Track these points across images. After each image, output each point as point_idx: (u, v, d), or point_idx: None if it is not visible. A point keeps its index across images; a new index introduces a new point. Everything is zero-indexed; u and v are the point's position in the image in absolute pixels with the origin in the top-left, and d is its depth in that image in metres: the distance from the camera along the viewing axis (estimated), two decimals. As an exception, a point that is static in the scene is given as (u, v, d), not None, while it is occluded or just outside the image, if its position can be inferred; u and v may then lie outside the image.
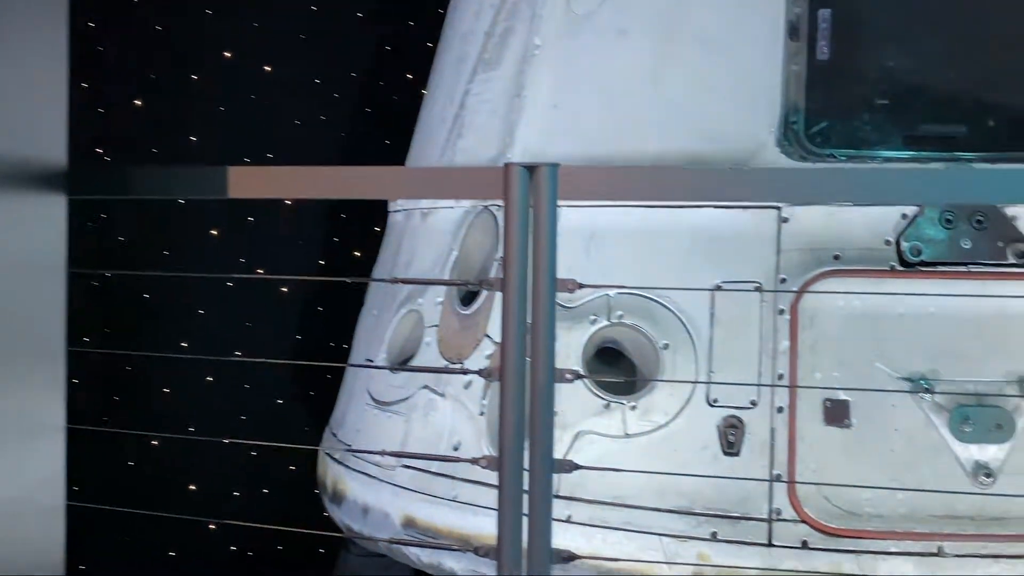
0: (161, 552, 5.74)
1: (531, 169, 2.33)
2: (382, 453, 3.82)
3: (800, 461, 3.35)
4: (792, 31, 3.73)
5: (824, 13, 3.73)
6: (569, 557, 2.38)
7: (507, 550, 2.25)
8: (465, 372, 3.65)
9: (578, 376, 2.51)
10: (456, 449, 3.86)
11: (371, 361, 4.48)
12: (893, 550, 3.24)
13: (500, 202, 3.95)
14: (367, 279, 4.95)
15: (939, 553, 3.23)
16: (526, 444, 2.67)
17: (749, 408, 3.44)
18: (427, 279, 4.14)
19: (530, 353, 2.34)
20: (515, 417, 2.26)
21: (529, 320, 2.44)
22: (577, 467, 2.47)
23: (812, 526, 3.28)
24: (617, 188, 2.41)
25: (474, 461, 2.46)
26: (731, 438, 3.43)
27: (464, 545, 3.76)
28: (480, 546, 2.48)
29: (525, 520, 2.34)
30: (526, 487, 2.60)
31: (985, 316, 3.39)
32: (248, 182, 2.09)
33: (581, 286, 2.44)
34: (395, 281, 3.46)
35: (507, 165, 2.33)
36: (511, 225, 2.32)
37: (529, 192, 2.34)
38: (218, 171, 2.04)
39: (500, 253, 3.92)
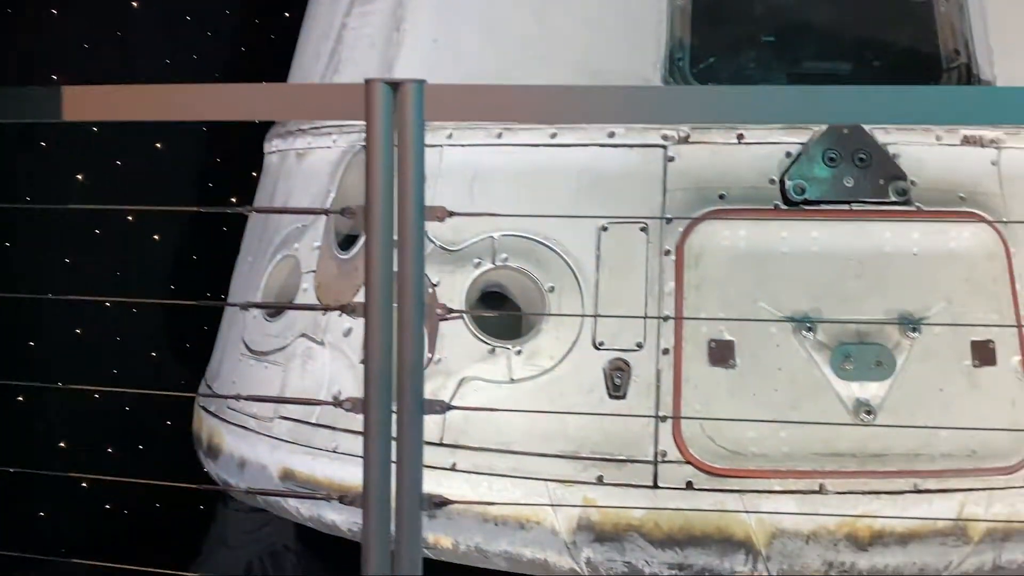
0: (30, 512, 5.47)
1: (395, 86, 2.17)
2: (236, 397, 3.66)
3: (685, 402, 3.31)
4: (677, -35, 3.64)
5: (709, -53, 3.65)
6: (441, 503, 2.27)
7: (374, 496, 2.13)
8: (327, 309, 3.49)
9: (449, 312, 2.39)
10: (337, 399, 3.72)
11: (247, 312, 4.29)
12: (776, 488, 3.24)
13: (379, 141, 3.85)
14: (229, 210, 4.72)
15: (821, 491, 3.24)
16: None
17: (635, 350, 3.38)
18: (279, 208, 3.95)
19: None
20: (381, 355, 2.13)
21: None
22: (449, 407, 2.36)
23: (697, 467, 3.26)
24: (487, 107, 2.26)
25: (337, 404, 2.32)
26: (617, 381, 3.38)
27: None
28: (346, 494, 2.34)
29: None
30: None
31: (867, 254, 3.39)
32: (84, 103, 1.88)
33: (451, 214, 2.30)
34: (251, 210, 3.19)
35: (368, 81, 2.17)
36: (373, 147, 2.17)
37: (393, 111, 2.18)
38: (51, 92, 1.83)
39: (380, 195, 3.78)
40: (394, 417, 2.16)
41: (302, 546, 4.43)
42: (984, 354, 3.37)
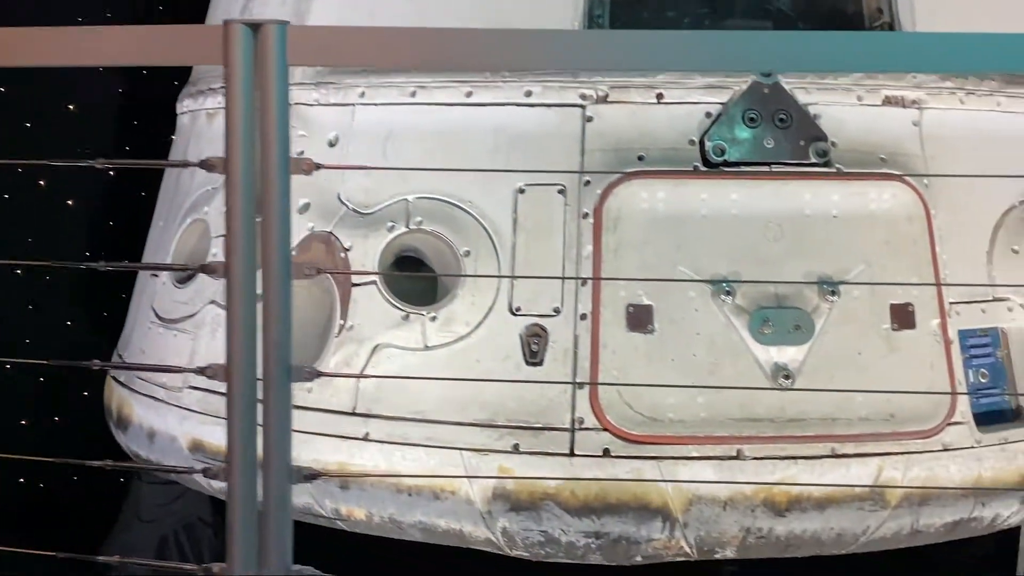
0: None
1: (255, 28, 2.03)
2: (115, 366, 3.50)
3: (603, 369, 3.24)
4: (596, -83, 3.53)
5: None
6: (312, 475, 2.15)
7: (238, 468, 2.01)
8: (185, 270, 3.34)
9: (319, 271, 2.26)
10: (248, 367, 3.59)
11: (156, 276, 4.14)
12: (694, 455, 3.19)
13: (289, 100, 3.70)
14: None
15: (738, 456, 3.20)
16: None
17: (552, 316, 3.30)
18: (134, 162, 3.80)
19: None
20: (243, 318, 2.01)
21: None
22: (320, 374, 2.25)
23: (614, 434, 3.19)
24: (356, 50, 2.10)
25: (200, 371, 2.19)
26: (534, 347, 3.30)
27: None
28: (209, 466, 2.21)
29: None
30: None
31: (787, 217, 3.34)
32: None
33: (318, 166, 2.17)
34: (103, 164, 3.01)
35: (227, 23, 2.03)
36: (232, 93, 2.03)
37: (255, 55, 2.04)
38: None
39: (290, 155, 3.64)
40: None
41: (219, 519, 4.30)
42: (903, 317, 3.34)
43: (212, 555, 4.31)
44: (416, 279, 3.45)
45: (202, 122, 4.16)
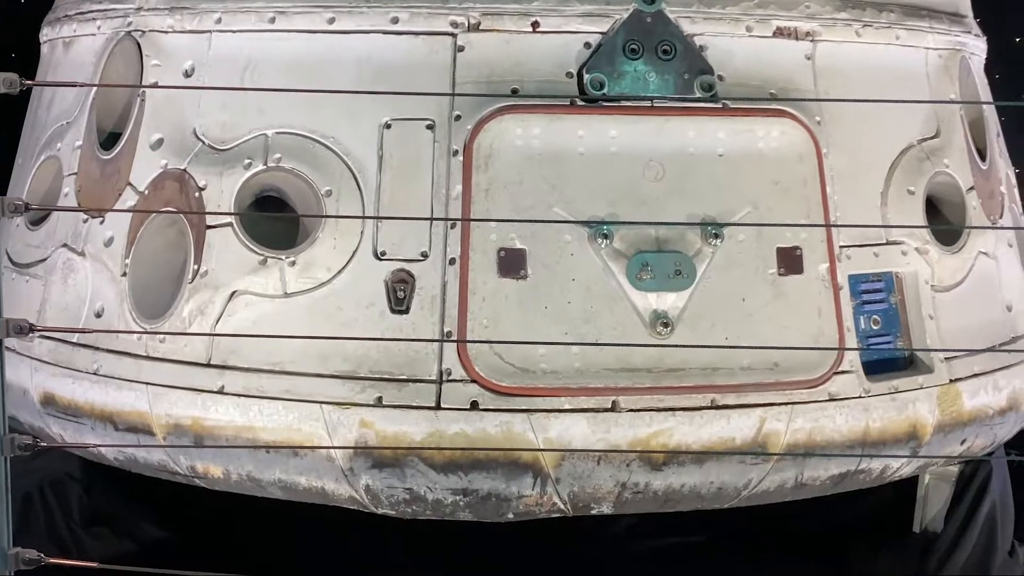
0: None
1: None
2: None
3: (472, 317, 3.04)
4: None
5: None
6: (29, 446, 1.90)
7: None
8: None
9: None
10: (99, 316, 3.36)
11: (11, 218, 3.85)
12: (567, 407, 3.01)
13: (143, 26, 3.43)
14: None
15: (613, 408, 3.02)
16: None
17: (420, 260, 3.09)
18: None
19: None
20: None
21: None
22: (33, 329, 2.01)
23: (483, 385, 3.00)
24: None
25: None
26: (400, 294, 3.08)
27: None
28: None
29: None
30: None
31: (669, 155, 3.14)
32: None
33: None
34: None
35: None
36: None
37: None
38: None
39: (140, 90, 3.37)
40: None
41: (88, 473, 4.08)
42: (790, 262, 3.17)
43: (82, 515, 4.10)
44: (275, 220, 3.21)
45: (59, 52, 3.86)
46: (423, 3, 3.15)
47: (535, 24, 3.16)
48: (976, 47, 3.81)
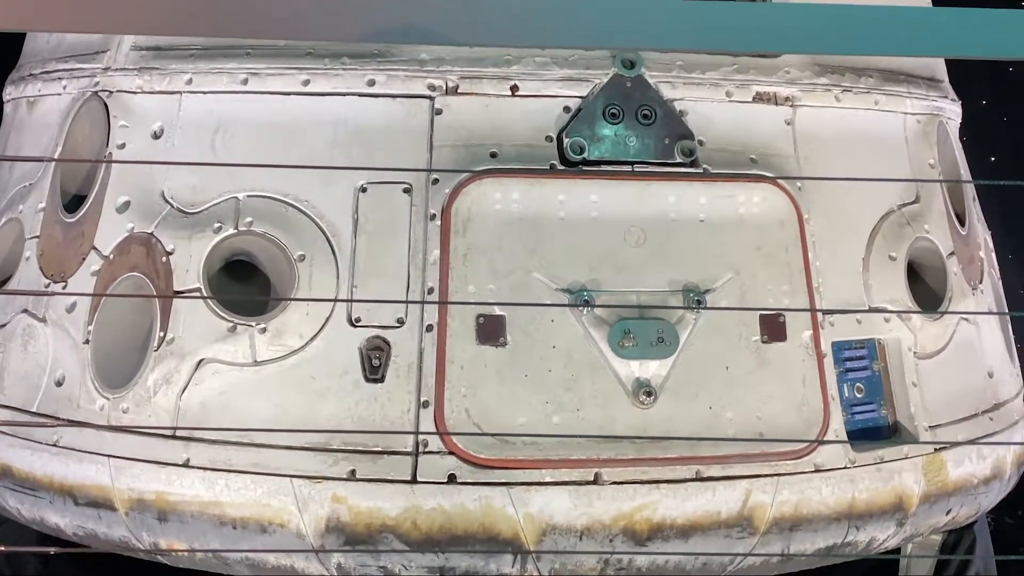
0: None
1: None
2: None
3: (450, 386, 2.94)
4: None
5: None
6: None
7: None
8: None
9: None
10: (60, 384, 3.23)
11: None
12: (548, 480, 2.91)
13: (110, 87, 3.34)
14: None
15: (596, 481, 2.93)
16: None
17: (396, 327, 2.99)
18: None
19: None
20: None
21: None
22: None
23: (461, 457, 2.90)
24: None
25: None
26: (375, 362, 2.99)
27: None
28: None
29: None
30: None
31: (650, 220, 3.09)
32: None
33: None
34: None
35: None
36: None
37: None
38: None
39: (111, 148, 3.28)
40: None
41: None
42: (774, 328, 3.11)
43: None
44: (245, 284, 3.11)
45: (23, 111, 3.76)
46: (400, 66, 3.10)
47: (514, 88, 3.12)
48: (953, 111, 3.82)
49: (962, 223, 3.66)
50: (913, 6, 1.86)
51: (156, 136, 3.24)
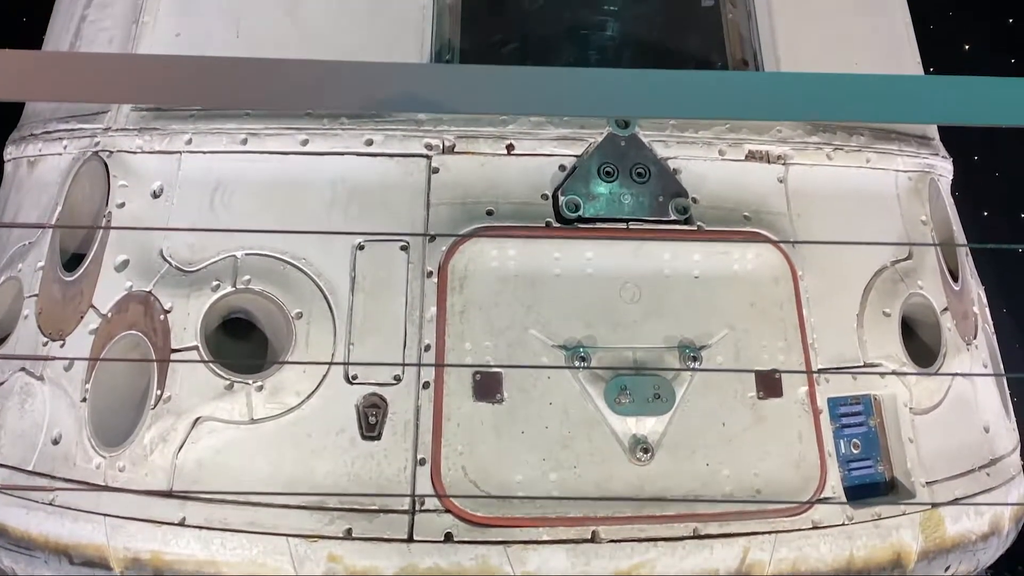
0: None
1: None
2: None
3: (447, 443, 2.94)
4: (445, -42, 3.31)
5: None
6: None
7: None
8: None
9: None
10: (56, 443, 3.22)
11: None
12: (545, 538, 2.90)
13: (111, 147, 3.38)
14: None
15: (594, 539, 2.92)
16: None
17: (392, 384, 3.00)
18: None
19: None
20: None
21: None
22: None
23: (457, 516, 2.89)
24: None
25: None
26: (372, 419, 2.99)
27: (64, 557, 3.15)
28: None
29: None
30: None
31: (645, 277, 3.11)
32: None
33: None
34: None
35: None
36: None
37: None
38: None
39: (111, 207, 3.31)
40: None
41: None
42: (769, 385, 3.12)
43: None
44: (242, 342, 3.12)
45: (23, 171, 3.80)
46: (398, 126, 3.14)
47: (510, 147, 3.16)
48: (944, 168, 3.87)
49: (955, 279, 3.68)
50: (905, 75, 1.90)
51: (155, 195, 3.27)
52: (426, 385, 2.99)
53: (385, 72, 2.12)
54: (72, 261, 3.39)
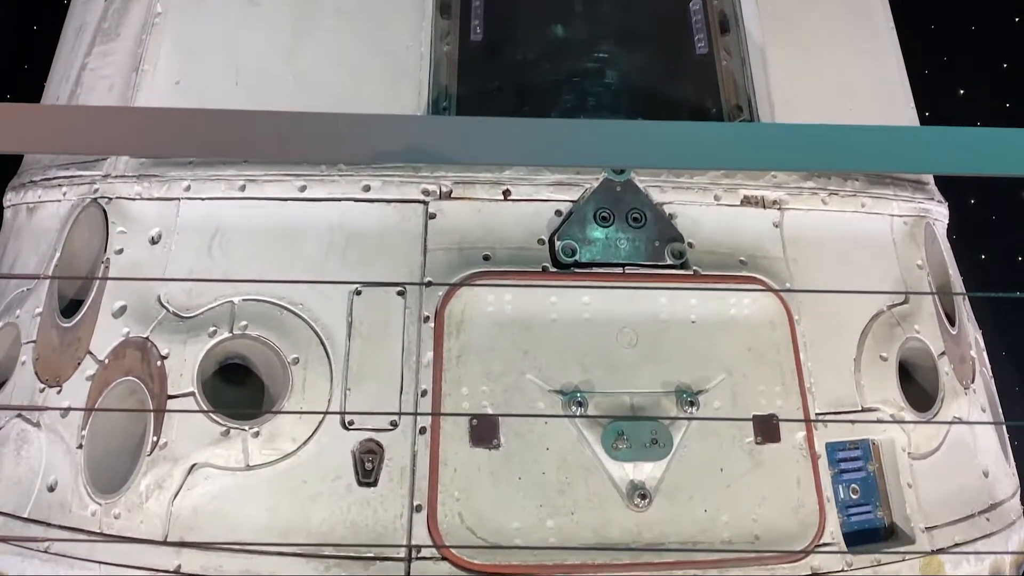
0: None
1: None
2: None
3: (443, 489, 2.93)
4: (443, 8, 3.35)
5: (479, -11, 3.38)
6: None
7: None
8: None
9: None
10: (52, 490, 3.20)
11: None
12: (543, 585, 2.88)
13: (110, 193, 3.40)
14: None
15: (592, 587, 2.90)
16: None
17: (389, 430, 2.99)
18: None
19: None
20: None
21: None
22: None
23: (454, 563, 2.87)
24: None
25: None
26: (368, 465, 2.98)
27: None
28: None
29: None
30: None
31: (642, 321, 3.11)
32: None
33: None
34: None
35: None
36: None
37: None
38: None
39: (109, 253, 3.32)
40: None
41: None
42: (767, 430, 3.11)
43: None
44: (239, 387, 3.11)
45: (22, 217, 3.82)
46: (395, 172, 3.16)
47: (506, 192, 3.18)
48: (939, 213, 3.88)
49: (952, 323, 3.69)
50: (901, 126, 1.91)
51: (154, 241, 3.28)
52: (423, 430, 2.98)
53: (383, 124, 2.15)
54: (70, 307, 3.39)
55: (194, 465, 3.01)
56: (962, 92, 6.94)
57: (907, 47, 4.20)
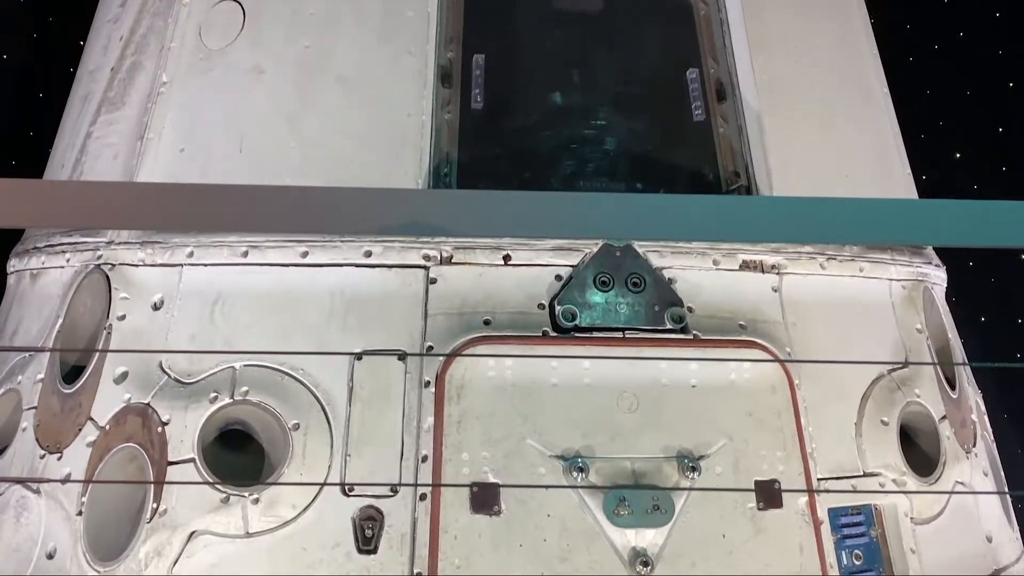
0: None
1: None
2: None
3: (444, 557, 2.91)
4: (444, 77, 3.41)
5: (479, 59, 3.44)
6: None
7: None
8: None
9: None
10: (51, 557, 3.18)
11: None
12: (545, 660, 2.85)
13: (113, 260, 3.42)
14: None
15: (594, 659, 2.86)
16: None
17: (389, 497, 2.98)
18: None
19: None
20: None
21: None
22: None
23: (454, 634, 2.84)
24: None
25: None
26: (368, 532, 2.96)
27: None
28: None
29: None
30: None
31: (642, 386, 3.12)
32: None
33: None
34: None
35: None
36: None
37: None
38: None
39: (111, 319, 3.34)
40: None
41: None
42: (769, 495, 3.10)
43: None
44: (239, 453, 3.11)
45: (26, 283, 3.84)
46: (396, 238, 3.19)
47: (507, 257, 3.20)
48: (938, 277, 3.91)
49: (952, 387, 3.69)
50: (899, 198, 1.94)
51: (156, 307, 3.30)
52: (423, 497, 2.97)
53: (384, 198, 2.18)
54: (72, 372, 3.40)
55: (193, 532, 2.99)
56: (958, 156, 7.00)
57: (904, 111, 4.26)
